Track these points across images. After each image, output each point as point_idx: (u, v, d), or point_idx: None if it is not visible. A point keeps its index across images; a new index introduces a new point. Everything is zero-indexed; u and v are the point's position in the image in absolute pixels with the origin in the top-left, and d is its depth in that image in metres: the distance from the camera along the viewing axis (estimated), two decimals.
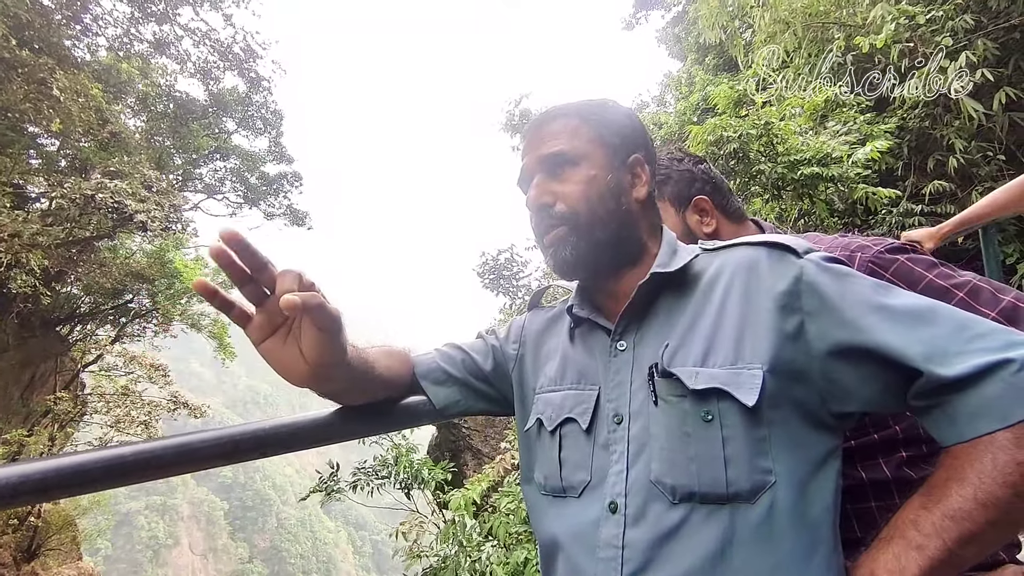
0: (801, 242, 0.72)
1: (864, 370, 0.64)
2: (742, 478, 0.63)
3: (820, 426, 0.67)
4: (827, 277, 0.68)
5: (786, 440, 0.64)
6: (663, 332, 0.74)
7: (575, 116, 0.83)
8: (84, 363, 13.83)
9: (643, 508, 0.66)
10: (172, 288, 14.18)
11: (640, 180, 0.83)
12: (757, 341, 0.67)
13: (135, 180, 11.00)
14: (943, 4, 4.51)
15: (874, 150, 4.21)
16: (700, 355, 0.69)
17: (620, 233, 0.80)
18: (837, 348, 0.64)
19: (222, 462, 0.76)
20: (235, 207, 15.89)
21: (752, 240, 0.75)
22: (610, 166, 0.81)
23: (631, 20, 12.98)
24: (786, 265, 0.70)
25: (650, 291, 0.77)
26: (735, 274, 0.73)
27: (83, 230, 11.84)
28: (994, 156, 4.50)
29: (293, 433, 0.82)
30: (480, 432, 7.53)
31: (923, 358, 0.60)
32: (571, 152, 0.80)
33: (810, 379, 0.66)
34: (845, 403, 0.66)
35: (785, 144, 4.40)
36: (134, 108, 13.86)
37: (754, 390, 0.64)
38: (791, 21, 5.49)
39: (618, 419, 0.73)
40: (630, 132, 0.84)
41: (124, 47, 13.15)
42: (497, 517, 3.18)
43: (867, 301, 0.65)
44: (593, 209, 0.79)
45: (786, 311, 0.67)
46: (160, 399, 13.69)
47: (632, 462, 0.69)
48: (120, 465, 0.71)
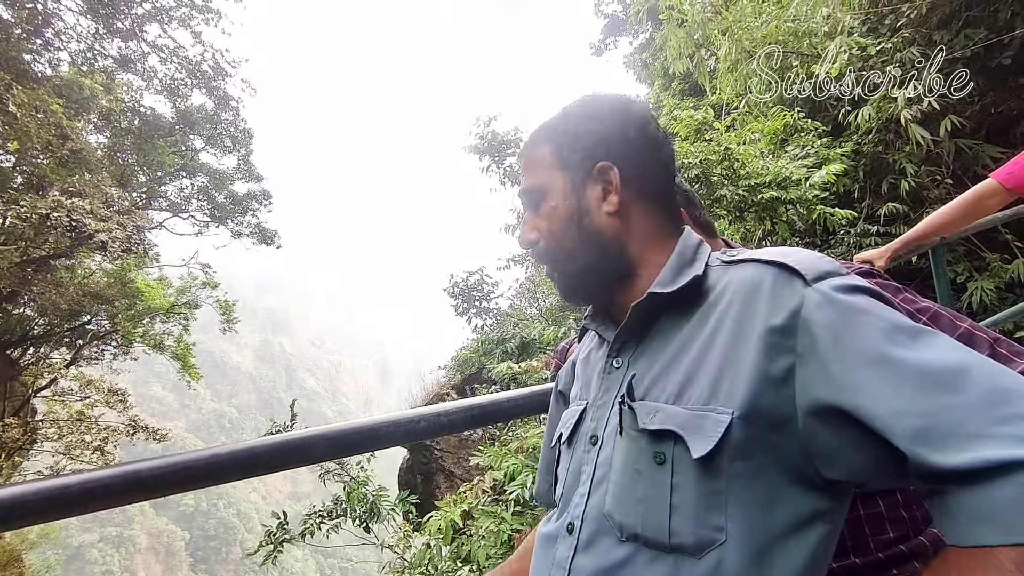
0: (820, 264, 0.61)
1: (846, 436, 0.54)
2: (686, 530, 0.57)
3: (805, 483, 0.57)
4: (829, 313, 0.56)
5: (753, 496, 0.57)
6: (655, 355, 0.69)
7: (544, 139, 0.79)
8: (36, 388, 13.19)
9: (594, 537, 0.65)
10: (133, 308, 13.71)
11: (611, 188, 0.74)
12: (736, 381, 0.58)
13: (95, 199, 10.68)
14: (891, 37, 4.77)
15: (829, 173, 4.39)
16: (676, 389, 0.63)
17: (595, 258, 0.75)
18: (813, 406, 0.55)
19: (175, 490, 0.73)
20: (201, 225, 15.54)
21: (763, 257, 0.65)
22: (569, 189, 0.76)
23: (600, 46, 13.33)
24: (788, 293, 0.59)
25: (648, 310, 0.71)
26: (735, 297, 0.64)
27: (39, 249, 11.39)
28: (942, 180, 4.73)
29: (251, 458, 0.80)
30: (453, 454, 7.42)
31: (912, 437, 0.48)
32: (537, 185, 0.78)
33: (793, 431, 0.56)
34: (828, 468, 0.56)
35: (746, 168, 4.55)
36: (97, 124, 13.51)
37: (711, 439, 0.57)
38: (753, 51, 5.73)
39: (593, 440, 0.71)
40: (597, 138, 0.76)
41: (88, 62, 12.87)
42: (476, 541, 3.12)
43: (868, 350, 0.53)
44: (560, 243, 0.76)
45: (775, 351, 0.57)
46: (118, 424, 13.12)
47: (594, 488, 0.67)
48: (64, 496, 0.68)
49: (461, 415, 0.97)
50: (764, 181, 4.45)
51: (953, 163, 4.73)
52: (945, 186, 4.69)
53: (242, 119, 15.09)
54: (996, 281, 4.32)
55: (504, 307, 9.24)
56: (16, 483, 0.68)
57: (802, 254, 0.63)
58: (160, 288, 14.49)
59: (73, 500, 0.69)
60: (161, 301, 14.20)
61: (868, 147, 5.00)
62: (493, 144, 7.21)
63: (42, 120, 9.76)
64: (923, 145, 4.51)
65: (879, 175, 5.03)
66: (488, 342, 7.77)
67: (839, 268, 0.61)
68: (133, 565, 49.31)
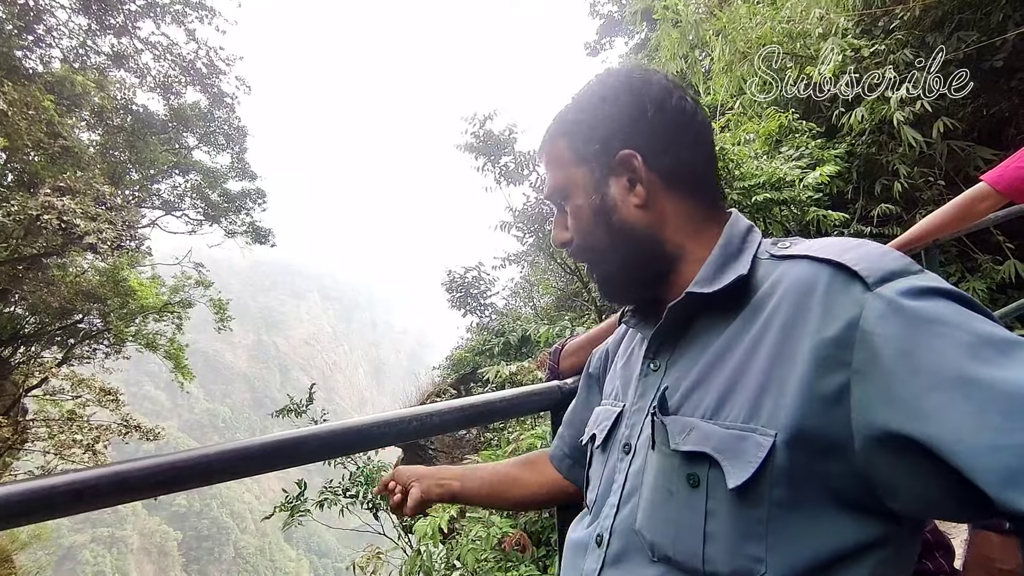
0: (884, 262, 0.52)
1: (916, 468, 0.46)
2: (721, 560, 0.53)
3: (860, 510, 0.51)
4: (896, 324, 0.47)
5: (796, 525, 0.51)
6: (693, 359, 0.63)
7: (558, 134, 0.73)
8: (27, 387, 13.07)
9: (623, 553, 0.62)
10: (126, 308, 13.61)
11: (636, 177, 0.67)
12: (781, 399, 0.51)
13: (87, 197, 10.60)
14: (885, 39, 4.80)
15: (823, 174, 4.41)
16: (714, 402, 0.57)
17: (627, 258, 0.69)
18: (875, 432, 0.47)
19: (161, 491, 0.72)
20: (195, 224, 15.44)
21: (819, 253, 0.56)
22: (591, 186, 0.69)
23: (595, 46, 13.35)
24: (845, 299, 0.51)
25: (687, 310, 0.65)
26: (784, 298, 0.56)
27: (30, 247, 11.30)
28: (935, 181, 4.76)
29: (241, 458, 0.79)
30: (447, 453, 7.42)
31: (1001, 479, 0.40)
32: (560, 185, 0.73)
33: (849, 456, 0.49)
34: (893, 501, 0.49)
35: (741, 168, 4.56)
36: (89, 121, 13.40)
37: (751, 465, 0.51)
38: (747, 52, 5.75)
39: (627, 448, 0.67)
40: (613, 124, 0.68)
41: (80, 59, 12.77)
42: (466, 544, 3.12)
43: (944, 369, 0.44)
44: (590, 243, 0.71)
45: (828, 365, 0.49)
46: (110, 423, 13.02)
47: (624, 501, 0.64)
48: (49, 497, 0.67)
49: (454, 415, 0.97)
50: (759, 182, 4.47)
51: (946, 164, 4.76)
52: (938, 187, 4.72)
53: (236, 117, 15.01)
54: (988, 282, 4.35)
55: (499, 305, 9.25)
56: (0, 484, 0.67)
57: (863, 249, 0.54)
58: (153, 287, 14.38)
59: (58, 502, 0.68)
60: (154, 300, 14.10)
61: (861, 148, 5.02)
62: (488, 143, 7.18)
63: (33, 117, 9.68)
64: (916, 146, 4.53)
65: (872, 176, 5.05)
66: (486, 337, 7.76)
67: (909, 265, 0.52)
68: (125, 565, 49.00)
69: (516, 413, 1.10)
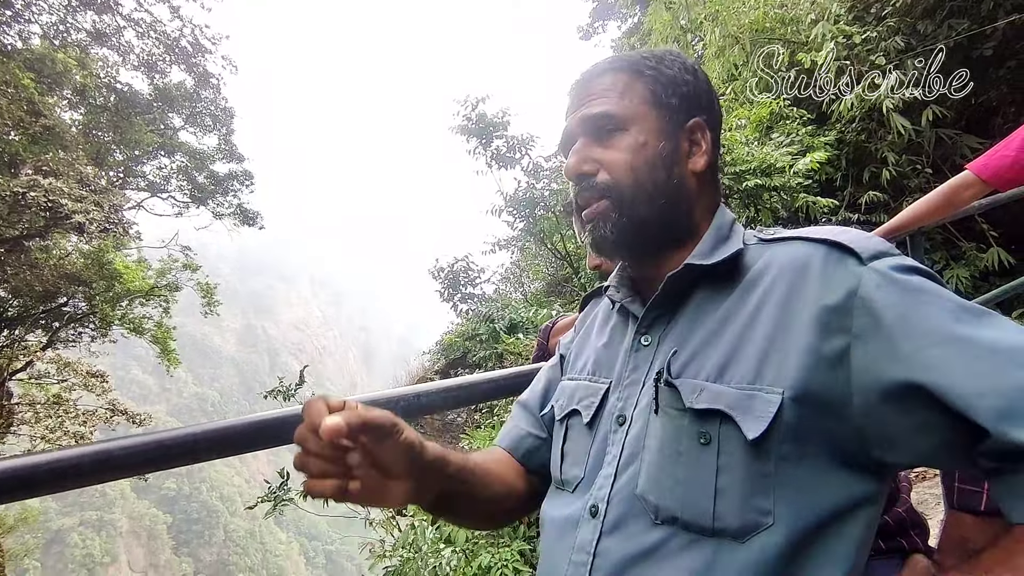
0: (872, 243, 0.59)
1: (917, 418, 0.52)
2: (731, 514, 0.55)
3: (854, 467, 0.56)
4: (891, 292, 0.54)
5: (801, 480, 0.55)
6: (690, 331, 0.66)
7: (628, 70, 0.72)
8: (11, 370, 12.91)
9: (623, 519, 0.62)
10: (112, 291, 13.41)
11: (699, 148, 0.71)
12: (786, 360, 0.56)
13: (70, 178, 10.39)
14: (877, 26, 4.79)
15: (813, 160, 4.42)
16: (717, 367, 0.60)
17: (668, 210, 0.70)
18: (884, 386, 0.52)
19: (147, 469, 0.72)
20: (182, 206, 15.20)
21: (811, 235, 0.63)
22: (664, 131, 0.70)
23: (588, 30, 13.22)
24: (843, 272, 0.57)
25: (683, 283, 0.68)
26: (780, 275, 0.62)
27: (11, 229, 11.08)
28: (922, 169, 4.80)
29: (226, 437, 0.79)
30: (437, 438, 7.45)
31: (996, 414, 0.47)
32: (619, 114, 0.69)
33: (847, 414, 0.54)
34: (889, 452, 0.55)
35: (732, 154, 4.56)
36: (71, 100, 13.09)
37: (763, 420, 0.55)
38: (739, 36, 5.72)
39: (621, 420, 0.68)
40: (692, 91, 0.72)
41: (60, 36, 12.43)
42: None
43: (939, 329, 0.52)
44: (640, 182, 0.69)
45: (829, 330, 0.55)
46: (97, 407, 12.93)
47: (622, 469, 0.64)
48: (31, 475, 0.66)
49: (441, 396, 0.97)
50: (749, 168, 4.48)
51: (933, 152, 4.79)
52: (925, 175, 4.76)
53: (223, 97, 14.73)
54: (971, 269, 4.42)
55: (489, 292, 9.24)
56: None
57: (852, 233, 0.61)
58: (139, 270, 14.17)
59: (41, 480, 0.67)
60: (140, 283, 13.90)
61: (851, 136, 5.04)
62: (480, 126, 7.13)
63: (13, 95, 9.44)
64: (904, 134, 4.56)
65: (861, 164, 5.08)
66: (476, 321, 7.76)
67: (891, 248, 0.59)
68: (114, 548, 49.04)
69: (503, 394, 1.10)
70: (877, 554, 0.86)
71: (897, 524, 0.88)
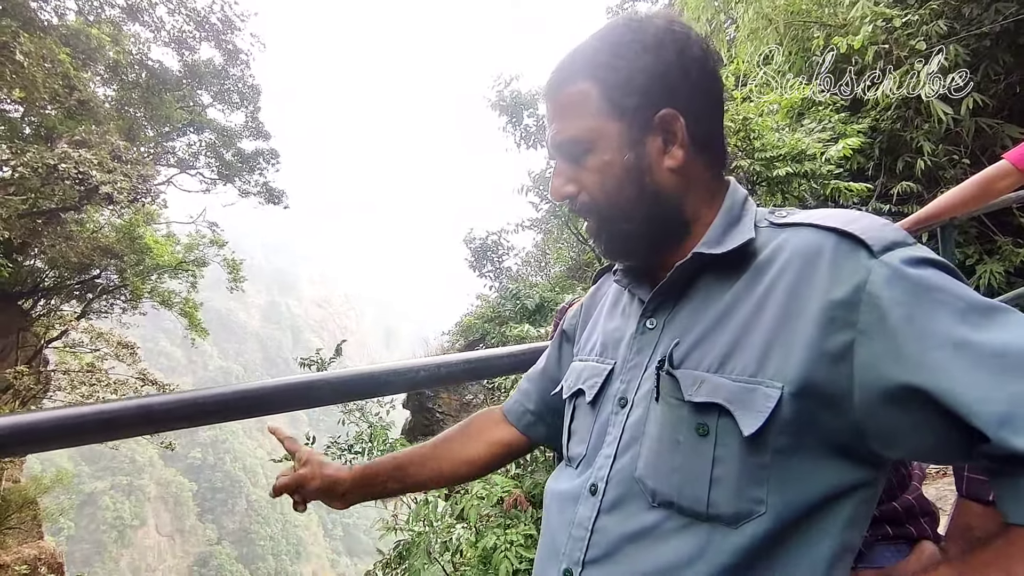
0: (885, 232, 0.57)
1: (918, 417, 0.52)
2: (726, 502, 0.57)
3: (849, 456, 0.57)
4: (900, 289, 0.53)
5: (795, 470, 0.56)
6: (695, 318, 0.65)
7: (585, 77, 0.67)
8: (48, 339, 13.42)
9: (621, 500, 0.64)
10: (142, 264, 13.79)
11: (674, 140, 0.66)
12: (788, 354, 0.56)
13: (103, 150, 10.63)
14: (919, 8, 4.61)
15: (846, 147, 4.31)
16: (719, 357, 0.60)
17: (651, 218, 0.68)
18: (886, 386, 0.52)
19: (183, 424, 0.76)
20: (209, 183, 15.47)
21: (824, 222, 0.60)
22: (626, 142, 0.66)
23: (617, 10, 12.94)
24: (853, 265, 0.55)
25: (691, 271, 0.67)
26: (789, 263, 0.60)
27: (47, 200, 11.42)
28: (959, 160, 4.64)
29: (258, 398, 0.83)
30: (454, 417, 7.57)
31: (997, 421, 0.47)
32: (582, 136, 0.68)
33: (846, 408, 0.54)
34: (887, 448, 0.55)
35: (762, 140, 4.47)
36: (104, 76, 13.33)
37: (761, 415, 0.55)
38: (774, 18, 5.56)
39: (623, 402, 0.69)
40: (654, 78, 0.65)
41: (94, 12, 12.64)
42: (469, 499, 3.21)
43: (944, 331, 0.51)
44: (612, 201, 0.68)
45: (834, 325, 0.54)
46: (127, 377, 13.38)
47: (622, 451, 0.66)
48: (78, 425, 0.71)
49: (460, 367, 1.00)
50: (780, 154, 4.39)
51: (972, 142, 4.63)
52: (962, 166, 4.61)
53: (251, 74, 14.85)
54: (1006, 264, 4.29)
55: (513, 271, 9.36)
56: (32, 411, 0.71)
57: (865, 220, 0.59)
58: (168, 245, 14.53)
59: (87, 429, 0.72)
60: (169, 257, 14.26)
61: (886, 124, 4.89)
62: (513, 103, 7.16)
63: (49, 70, 9.65)
64: (943, 123, 4.41)
65: (895, 153, 4.93)
66: (499, 301, 7.89)
67: (906, 237, 0.57)
68: (143, 512, 51.09)
69: (520, 368, 1.12)
70: (885, 539, 0.87)
71: (906, 511, 0.89)
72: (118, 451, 43.36)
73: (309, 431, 4.61)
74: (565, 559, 0.66)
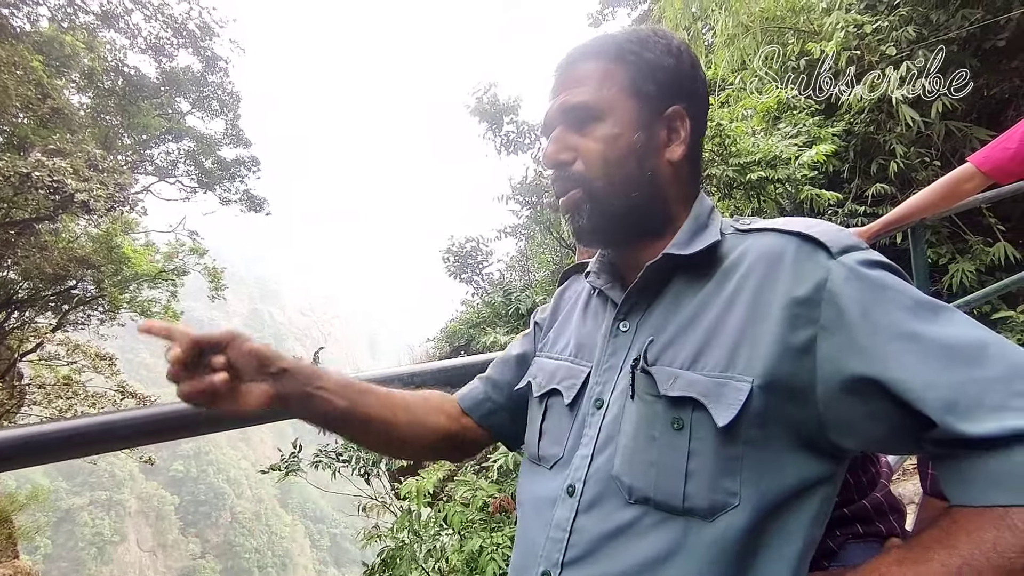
0: (841, 237, 0.61)
1: (873, 406, 0.55)
2: (701, 495, 0.58)
3: (813, 450, 0.59)
4: (856, 287, 0.57)
5: (765, 462, 0.58)
6: (667, 319, 0.67)
7: (609, 56, 0.71)
8: (22, 351, 13.09)
9: (598, 499, 0.65)
10: (120, 274, 13.51)
11: (678, 137, 0.71)
12: (756, 350, 0.59)
13: (78, 158, 10.44)
14: (888, 15, 4.73)
15: (819, 153, 4.39)
16: (691, 354, 0.63)
17: (641, 202, 0.70)
18: (845, 377, 0.55)
19: (149, 440, 0.75)
20: (189, 191, 15.27)
21: (785, 227, 0.65)
22: (638, 122, 0.69)
23: (598, 16, 13.06)
24: (813, 265, 0.59)
25: (661, 272, 0.69)
26: (754, 266, 0.63)
27: (21, 211, 11.17)
28: (931, 162, 4.76)
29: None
30: None
31: (943, 407, 0.50)
32: (596, 104, 0.70)
33: (810, 400, 0.58)
34: (844, 437, 0.58)
35: (737, 145, 4.54)
36: (79, 84, 13.11)
37: (733, 407, 0.57)
38: (750, 25, 5.66)
39: (599, 403, 0.70)
40: (673, 77, 0.71)
41: (68, 18, 12.43)
42: (452, 506, 3.20)
43: (896, 324, 0.54)
44: (610, 174, 0.69)
45: (798, 322, 0.58)
46: (106, 390, 13.10)
47: (599, 451, 0.67)
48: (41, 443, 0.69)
49: (434, 375, 0.99)
50: (754, 159, 4.45)
51: (943, 145, 4.74)
52: (933, 168, 4.72)
53: (230, 81, 14.71)
54: (977, 263, 4.39)
55: (495, 277, 9.35)
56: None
57: (823, 226, 0.63)
58: (147, 254, 14.27)
59: (49, 447, 0.70)
60: (148, 267, 14.00)
61: (860, 127, 5.00)
62: (493, 109, 7.19)
63: (21, 77, 9.47)
64: (913, 126, 4.52)
65: (869, 156, 5.04)
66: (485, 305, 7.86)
67: (860, 242, 0.61)
68: (123, 528, 49.92)
69: None
70: (855, 538, 0.88)
71: (875, 508, 0.90)
72: (97, 466, 42.31)
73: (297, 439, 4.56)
74: (543, 561, 0.66)
